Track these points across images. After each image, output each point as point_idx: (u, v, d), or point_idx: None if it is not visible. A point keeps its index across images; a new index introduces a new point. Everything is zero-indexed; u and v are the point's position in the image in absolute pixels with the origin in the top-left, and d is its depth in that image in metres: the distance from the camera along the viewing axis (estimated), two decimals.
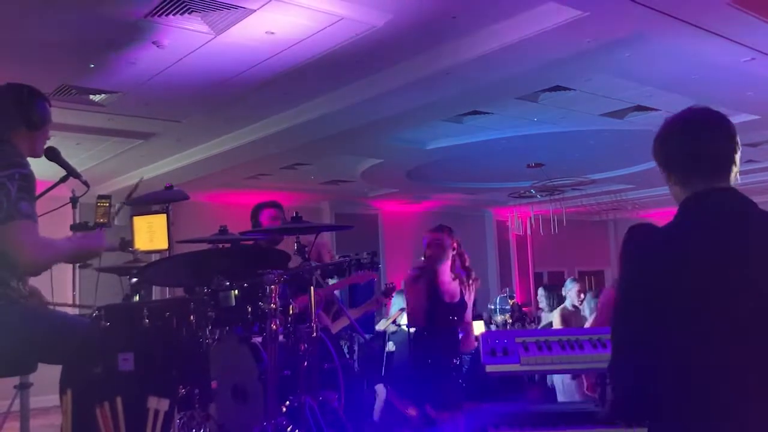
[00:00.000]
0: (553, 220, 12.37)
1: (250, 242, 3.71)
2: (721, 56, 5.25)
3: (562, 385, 5.04)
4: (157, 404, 2.40)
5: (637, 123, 7.47)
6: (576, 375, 4.24)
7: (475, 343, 4.05)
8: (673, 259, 1.65)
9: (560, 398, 4.88)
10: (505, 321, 8.65)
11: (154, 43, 4.85)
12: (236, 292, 2.80)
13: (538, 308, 8.95)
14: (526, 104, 6.78)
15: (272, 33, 4.77)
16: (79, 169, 3.21)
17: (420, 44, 5.10)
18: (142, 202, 3.94)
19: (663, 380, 1.61)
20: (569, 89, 6.35)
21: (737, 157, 1.78)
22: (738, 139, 1.79)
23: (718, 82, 6.00)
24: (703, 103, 6.09)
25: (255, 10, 4.37)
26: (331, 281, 5.60)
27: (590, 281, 15.36)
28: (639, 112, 7.18)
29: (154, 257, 3.92)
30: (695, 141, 1.77)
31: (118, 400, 2.38)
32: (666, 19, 4.42)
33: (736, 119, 7.37)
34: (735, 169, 1.77)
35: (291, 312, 2.86)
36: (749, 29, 4.73)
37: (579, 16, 4.38)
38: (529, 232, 14.11)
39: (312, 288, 2.91)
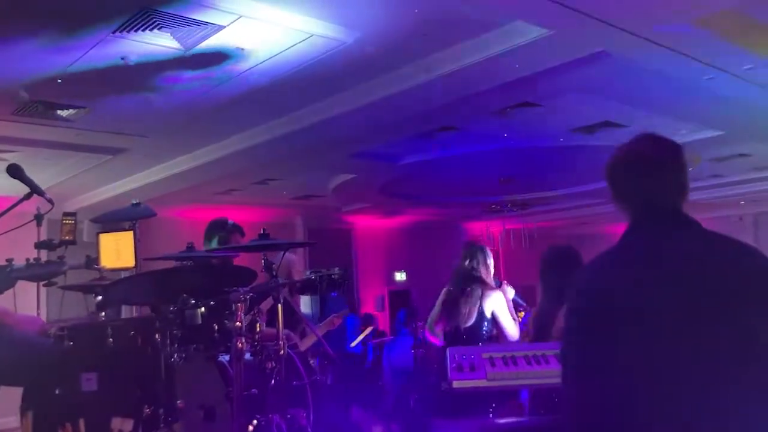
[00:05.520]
0: (524, 235, 12.48)
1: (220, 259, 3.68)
2: (685, 74, 5.37)
3: None
4: (121, 425, 2.36)
5: (606, 139, 7.59)
6: None
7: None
8: (618, 279, 1.70)
9: None
10: None
11: (122, 59, 4.81)
12: (203, 310, 2.77)
13: None
14: (495, 119, 6.86)
15: (242, 49, 4.77)
16: (47, 186, 3.17)
17: (389, 61, 5.14)
18: (109, 220, 3.89)
19: (612, 390, 1.65)
20: (538, 105, 6.44)
21: (686, 181, 1.82)
22: (686, 165, 1.83)
23: (682, 99, 6.13)
24: (668, 119, 6.22)
25: (224, 27, 4.37)
26: (302, 297, 5.57)
27: None
28: (608, 128, 7.29)
29: (123, 276, 3.87)
30: (641, 177, 1.81)
31: (81, 421, 2.34)
32: (631, 38, 4.50)
33: (700, 135, 7.54)
34: (685, 192, 1.81)
35: (258, 330, 2.85)
36: (711, 48, 4.85)
37: (545, 35, 4.45)
38: (500, 246, 14.21)
39: (280, 305, 2.91)
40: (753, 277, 1.65)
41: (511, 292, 4.47)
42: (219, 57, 4.88)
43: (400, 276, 14.05)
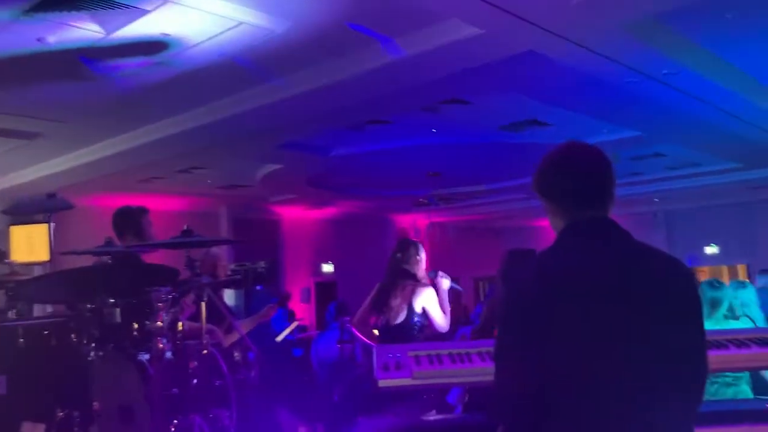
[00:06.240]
0: (450, 228, 12.65)
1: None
2: (607, 76, 5.54)
3: None
4: (32, 430, 2.25)
5: (531, 136, 7.78)
6: None
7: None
8: (554, 282, 1.75)
9: None
10: None
11: (38, 40, 4.58)
12: (120, 309, 2.66)
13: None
14: (426, 114, 6.91)
15: (167, 35, 4.62)
16: None
17: (319, 53, 5.09)
18: (22, 212, 3.69)
19: (547, 389, 1.70)
20: (467, 102, 6.52)
21: (613, 188, 1.89)
22: (613, 171, 1.90)
23: (605, 100, 6.32)
24: (590, 119, 6.40)
25: (149, 11, 4.22)
26: (227, 290, 5.44)
27: (484, 286, 15.89)
28: (534, 126, 7.46)
29: (36, 270, 3.67)
30: (575, 178, 1.87)
31: None
32: (557, 40, 4.61)
33: (621, 135, 7.81)
34: (612, 199, 1.88)
35: (179, 329, 2.77)
36: (633, 52, 5.02)
37: (477, 33, 4.50)
38: (426, 239, 14.38)
39: (203, 303, 2.83)
40: (682, 286, 1.79)
41: (446, 282, 4.53)
42: (143, 42, 4.71)
43: (327, 268, 14.00)
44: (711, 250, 14.11)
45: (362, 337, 4.36)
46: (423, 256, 4.54)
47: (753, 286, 5.22)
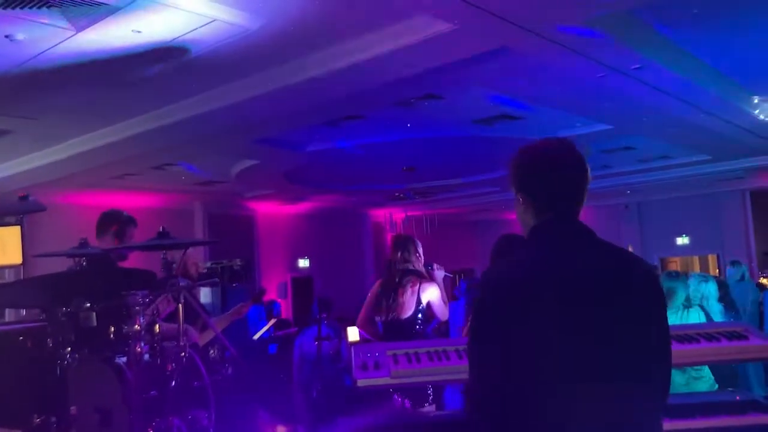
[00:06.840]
0: (426, 221, 12.70)
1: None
2: (578, 71, 5.60)
3: None
4: None
5: (505, 130, 7.83)
6: None
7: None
8: (524, 283, 1.78)
9: None
10: None
11: (6, 36, 4.51)
12: (96, 312, 2.64)
13: None
14: (400, 109, 6.92)
15: (139, 32, 4.57)
16: None
17: (293, 50, 5.07)
18: None
19: (515, 388, 1.73)
20: (440, 97, 6.55)
21: (587, 189, 1.92)
22: (589, 173, 1.92)
23: (576, 95, 6.39)
24: (563, 113, 6.43)
25: (120, 8, 4.17)
26: (203, 288, 5.41)
27: (460, 278, 16.01)
28: (505, 120, 7.52)
29: (8, 273, 3.62)
30: (555, 175, 1.87)
31: None
32: (529, 35, 4.65)
33: (593, 129, 7.90)
34: (584, 200, 1.90)
35: (157, 330, 2.75)
36: (603, 48, 5.08)
37: (449, 29, 4.51)
38: (403, 232, 14.43)
39: (180, 306, 2.82)
40: (646, 284, 1.83)
41: (441, 274, 4.63)
42: (115, 39, 4.66)
43: (303, 263, 13.99)
44: (682, 240, 14.35)
45: (367, 335, 4.40)
46: (421, 250, 4.64)
47: (714, 281, 5.44)
